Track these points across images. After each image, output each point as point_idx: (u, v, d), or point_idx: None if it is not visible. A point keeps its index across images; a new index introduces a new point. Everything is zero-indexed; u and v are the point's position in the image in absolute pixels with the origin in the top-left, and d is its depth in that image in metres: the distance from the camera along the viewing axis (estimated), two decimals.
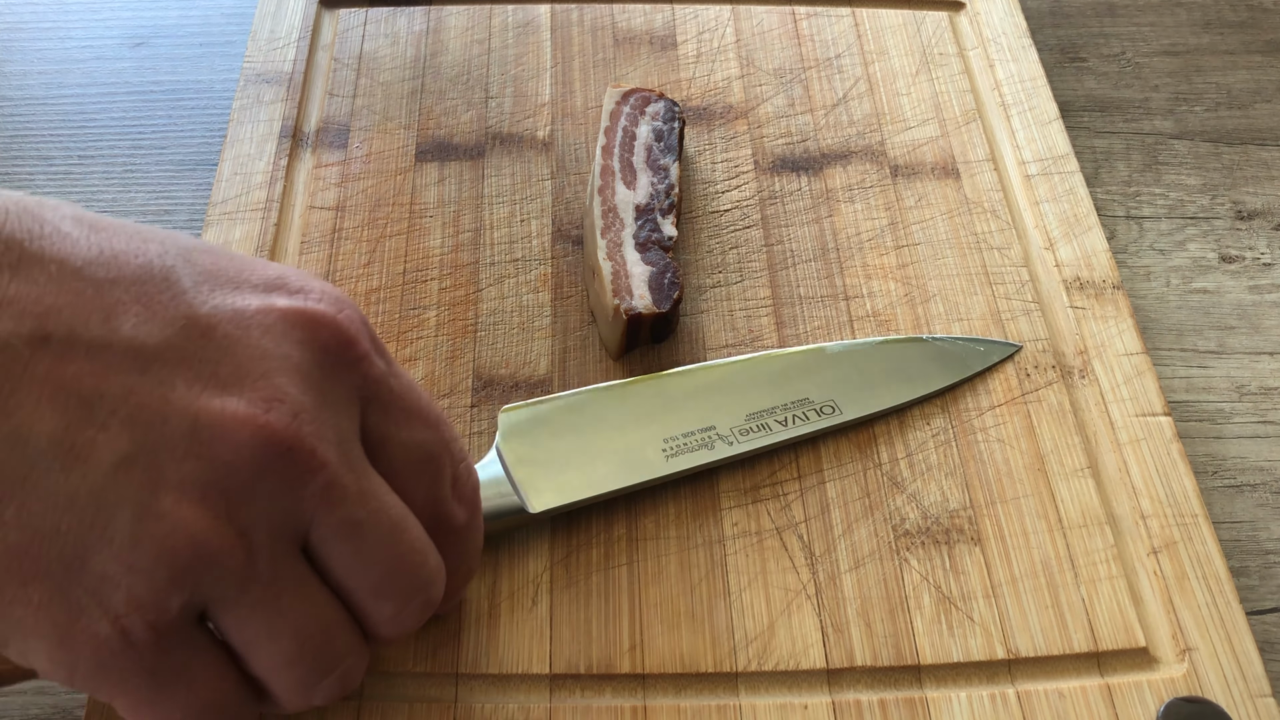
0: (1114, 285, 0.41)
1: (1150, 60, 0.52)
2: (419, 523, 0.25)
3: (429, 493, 0.26)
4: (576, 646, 0.32)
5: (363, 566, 0.24)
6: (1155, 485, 0.36)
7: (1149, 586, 0.34)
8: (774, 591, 0.33)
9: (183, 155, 0.47)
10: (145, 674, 0.22)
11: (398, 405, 0.25)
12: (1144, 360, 0.39)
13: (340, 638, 0.24)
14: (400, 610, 0.25)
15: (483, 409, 0.37)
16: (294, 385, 0.23)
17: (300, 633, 0.23)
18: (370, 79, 0.47)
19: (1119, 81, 0.52)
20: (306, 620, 0.23)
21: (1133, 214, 0.47)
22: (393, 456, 0.25)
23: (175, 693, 0.22)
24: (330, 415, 0.23)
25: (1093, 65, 0.52)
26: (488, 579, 0.33)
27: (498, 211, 0.43)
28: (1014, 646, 0.32)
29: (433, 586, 0.26)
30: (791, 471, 0.36)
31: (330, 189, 0.43)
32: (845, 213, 0.43)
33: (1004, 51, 0.49)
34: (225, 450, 0.22)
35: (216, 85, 0.50)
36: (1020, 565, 0.34)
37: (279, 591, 0.23)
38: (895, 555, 0.34)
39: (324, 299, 0.24)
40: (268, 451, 0.22)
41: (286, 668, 0.23)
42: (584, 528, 0.35)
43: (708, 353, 0.39)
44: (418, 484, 0.25)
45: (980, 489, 0.36)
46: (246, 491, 0.22)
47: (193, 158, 0.47)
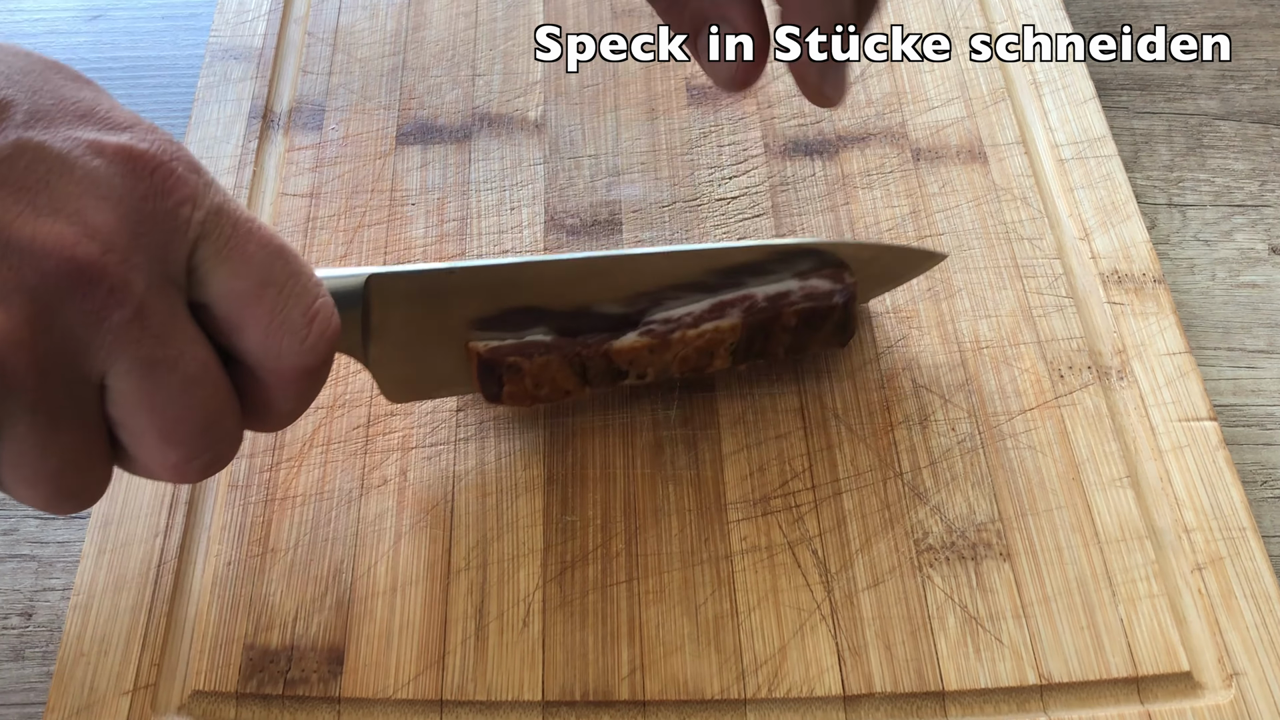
0: (1155, 279, 0.41)
1: (1194, 34, 0.52)
2: (224, 378, 0.27)
3: (259, 330, 0.27)
4: (571, 671, 0.32)
5: (150, 410, 0.26)
6: (1200, 496, 0.36)
7: (1193, 606, 0.34)
8: (786, 611, 0.33)
9: None
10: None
11: (229, 244, 0.27)
12: (1187, 360, 0.39)
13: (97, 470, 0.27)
14: (183, 462, 0.27)
15: (469, 412, 0.37)
16: (112, 218, 0.25)
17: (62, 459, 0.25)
18: (347, 55, 0.47)
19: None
20: (71, 448, 0.25)
21: (1175, 201, 0.47)
22: (220, 295, 0.27)
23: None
24: (145, 254, 0.25)
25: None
26: (474, 597, 0.34)
27: (485, 199, 0.43)
28: (1046, 671, 0.32)
29: (221, 446, 0.28)
30: (805, 481, 0.36)
31: (304, 174, 0.43)
32: (863, 200, 0.43)
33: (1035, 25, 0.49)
34: (31, 274, 0.24)
35: (180, 61, 0.50)
36: (1053, 583, 0.34)
37: (55, 419, 0.25)
38: (917, 572, 0.34)
39: (157, 141, 0.26)
40: (73, 279, 0.24)
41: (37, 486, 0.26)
42: (580, 542, 0.35)
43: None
44: (247, 320, 0.27)
45: (1010, 500, 0.36)
46: (47, 315, 0.24)
47: None
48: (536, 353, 0.34)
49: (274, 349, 0.27)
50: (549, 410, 0.37)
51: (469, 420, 0.37)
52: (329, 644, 0.33)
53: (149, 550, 0.35)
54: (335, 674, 0.32)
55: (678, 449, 0.37)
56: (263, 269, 0.27)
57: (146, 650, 0.33)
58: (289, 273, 0.28)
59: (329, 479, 0.36)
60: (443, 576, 0.34)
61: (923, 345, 0.39)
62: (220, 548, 0.35)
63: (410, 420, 0.37)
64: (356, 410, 0.37)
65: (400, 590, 0.34)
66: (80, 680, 0.32)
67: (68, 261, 0.24)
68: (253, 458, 0.36)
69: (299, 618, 0.33)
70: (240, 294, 0.27)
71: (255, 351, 0.27)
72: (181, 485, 0.36)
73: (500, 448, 0.37)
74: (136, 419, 0.26)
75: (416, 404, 0.38)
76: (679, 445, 0.37)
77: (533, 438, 0.37)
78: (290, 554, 0.35)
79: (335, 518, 0.35)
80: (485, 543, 0.35)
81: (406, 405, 0.37)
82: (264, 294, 0.27)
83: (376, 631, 0.33)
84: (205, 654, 0.33)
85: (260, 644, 0.33)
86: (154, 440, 0.26)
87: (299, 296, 0.28)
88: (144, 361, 0.25)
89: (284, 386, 0.28)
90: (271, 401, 0.29)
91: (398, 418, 0.37)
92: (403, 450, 0.37)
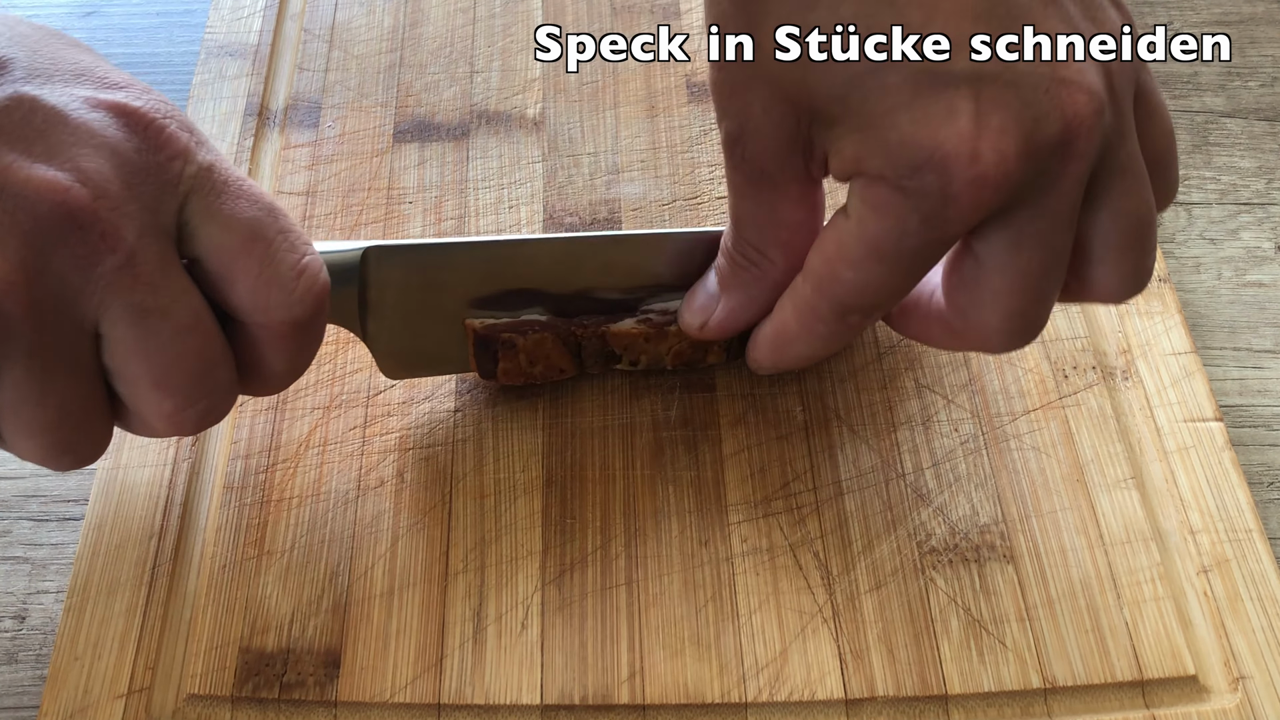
0: (1160, 278, 0.41)
1: (1199, 31, 0.52)
2: (216, 329, 0.28)
3: (249, 283, 0.28)
4: (570, 674, 0.32)
5: (143, 357, 0.27)
6: (1205, 497, 0.36)
7: (1199, 609, 0.34)
8: (787, 614, 0.33)
9: None
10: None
11: (220, 199, 0.28)
12: (1193, 360, 0.39)
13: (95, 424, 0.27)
14: (177, 411, 0.28)
15: (467, 414, 0.37)
16: (105, 168, 0.26)
17: (59, 408, 0.26)
18: (344, 51, 0.47)
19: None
20: (68, 397, 0.26)
21: (1181, 200, 0.47)
22: (210, 249, 0.28)
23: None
24: (138, 204, 0.26)
25: None
26: (472, 600, 0.34)
27: (484, 197, 0.43)
28: (1050, 674, 0.32)
29: (215, 397, 0.28)
30: (807, 482, 0.36)
31: (300, 172, 0.44)
32: None
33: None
34: (25, 218, 0.24)
35: (175, 58, 0.50)
36: (1057, 585, 0.34)
37: (51, 366, 0.25)
38: (920, 574, 0.34)
39: (151, 99, 0.27)
40: (65, 224, 0.25)
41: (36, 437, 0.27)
42: (579, 544, 0.35)
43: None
44: (237, 274, 0.28)
45: (1013, 502, 0.36)
46: (40, 259, 0.25)
47: None
48: (531, 330, 0.35)
49: (262, 302, 0.28)
50: (547, 411, 0.38)
51: (467, 421, 0.37)
52: (325, 647, 0.33)
53: (143, 552, 0.35)
54: (332, 677, 0.32)
55: (678, 450, 0.37)
56: (251, 224, 0.28)
57: (141, 654, 0.33)
58: (277, 229, 0.29)
59: (325, 480, 0.36)
60: (440, 579, 0.34)
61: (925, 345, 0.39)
62: (215, 550, 0.35)
63: (407, 421, 0.37)
64: (353, 411, 0.38)
65: (398, 593, 0.34)
66: (74, 684, 0.32)
67: (60, 206, 0.25)
68: (248, 459, 0.36)
69: (295, 620, 0.33)
70: (229, 248, 0.28)
71: (244, 305, 0.28)
72: (176, 487, 0.36)
73: (498, 449, 0.37)
74: (130, 366, 0.27)
75: (414, 405, 0.38)
76: (679, 446, 0.37)
77: (531, 439, 0.37)
78: (286, 556, 0.35)
79: (332, 519, 0.35)
80: (483, 545, 0.35)
81: (404, 406, 0.38)
82: (252, 248, 0.28)
83: (373, 634, 0.33)
84: (200, 657, 0.33)
85: (256, 647, 0.33)
86: (148, 388, 0.27)
87: (286, 251, 0.28)
88: (136, 308, 0.26)
89: (275, 341, 0.29)
90: (264, 358, 0.29)
91: (395, 418, 0.37)
92: (400, 451, 0.37)
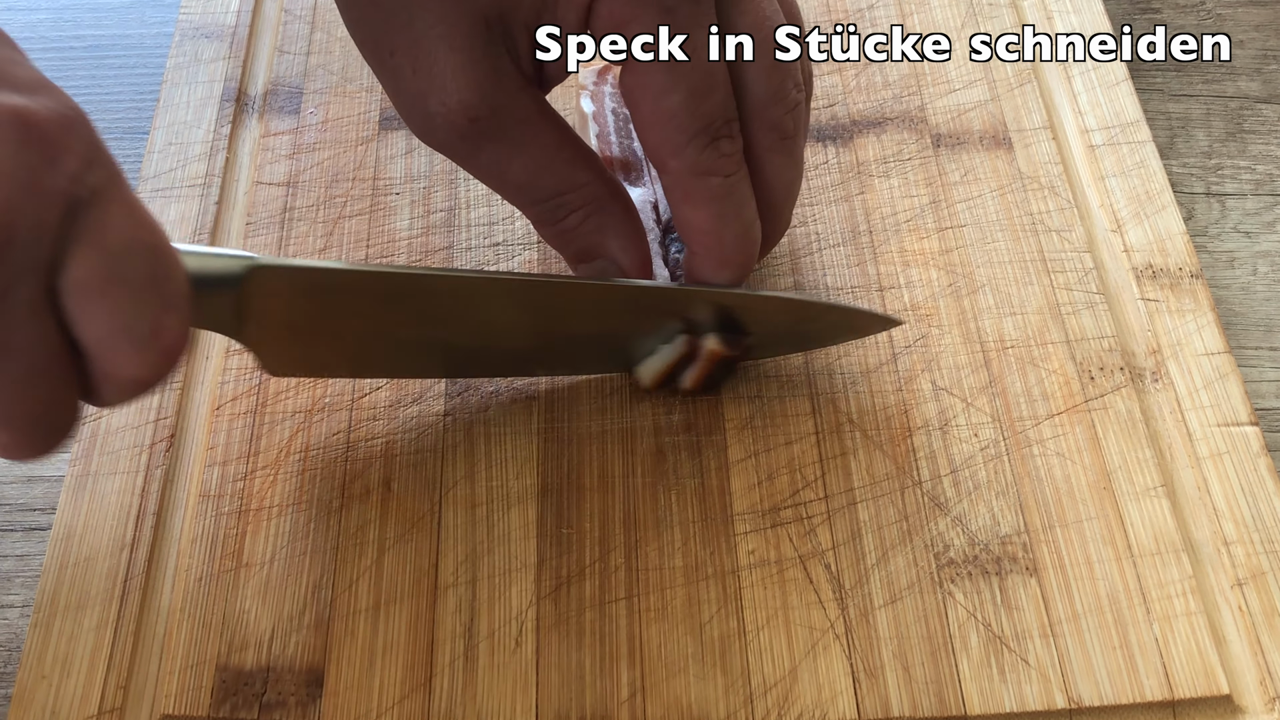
0: (1192, 273, 0.41)
1: (1234, 11, 0.52)
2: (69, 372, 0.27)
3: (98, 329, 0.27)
4: (567, 694, 0.32)
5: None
6: (1240, 507, 0.36)
7: (1233, 624, 0.34)
8: (797, 630, 0.33)
9: (108, 122, 0.47)
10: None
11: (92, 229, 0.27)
12: (1227, 361, 0.39)
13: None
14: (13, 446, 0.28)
15: (457, 418, 0.37)
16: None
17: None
18: (327, 33, 0.47)
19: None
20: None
21: (1214, 190, 0.47)
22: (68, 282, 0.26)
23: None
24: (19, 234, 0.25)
25: (1167, 16, 0.52)
26: (463, 615, 0.34)
27: (475, 187, 0.43)
28: (1076, 694, 0.32)
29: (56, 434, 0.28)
30: (817, 490, 0.36)
31: (280, 161, 0.43)
32: (879, 189, 0.43)
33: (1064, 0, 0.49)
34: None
35: (148, 40, 0.50)
36: (1083, 600, 0.34)
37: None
38: (938, 588, 0.34)
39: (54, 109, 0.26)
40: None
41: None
42: (576, 556, 0.35)
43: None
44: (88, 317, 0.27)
45: (1036, 511, 0.36)
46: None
47: (120, 125, 0.47)
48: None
49: (110, 356, 0.27)
50: (543, 415, 0.38)
51: (457, 426, 0.37)
52: (308, 665, 0.33)
53: (114, 565, 0.35)
54: (314, 697, 0.32)
55: (681, 456, 0.37)
56: (116, 263, 0.26)
57: (112, 672, 0.33)
58: (148, 274, 0.27)
59: (308, 488, 0.36)
60: (429, 593, 0.34)
61: (943, 345, 0.39)
62: (191, 562, 0.35)
63: (394, 426, 0.37)
64: (337, 415, 0.38)
65: (384, 608, 0.34)
66: (41, 704, 0.32)
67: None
68: (226, 465, 0.36)
69: (275, 637, 0.33)
70: (89, 287, 0.26)
71: (90, 352, 0.27)
72: (149, 495, 0.36)
73: (491, 455, 0.37)
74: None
75: (401, 409, 0.38)
76: (682, 452, 0.37)
77: (526, 445, 0.37)
78: (266, 569, 0.35)
79: (314, 530, 0.35)
80: (475, 557, 0.35)
81: (391, 409, 0.38)
82: (110, 291, 0.26)
83: (358, 652, 0.33)
84: (175, 676, 0.33)
85: (234, 665, 0.33)
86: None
87: (149, 304, 0.27)
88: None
89: (115, 391, 0.28)
90: (103, 395, 0.28)
91: (381, 423, 0.37)
92: (386, 458, 0.37)
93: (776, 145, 0.34)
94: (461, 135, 0.33)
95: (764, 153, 0.34)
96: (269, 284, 0.32)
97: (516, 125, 0.33)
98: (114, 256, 0.27)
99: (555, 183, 0.34)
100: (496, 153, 0.34)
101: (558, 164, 0.34)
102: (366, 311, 0.34)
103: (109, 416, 0.37)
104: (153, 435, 0.37)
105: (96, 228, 0.26)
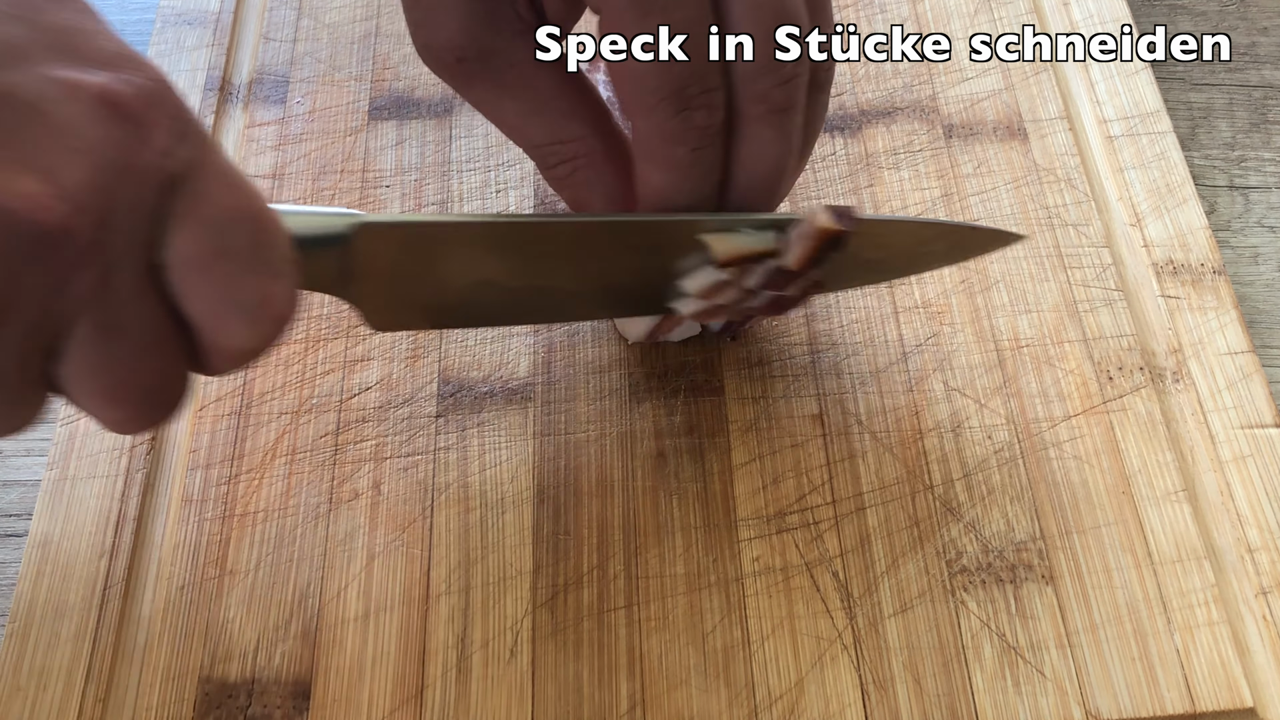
0: (1214, 269, 0.41)
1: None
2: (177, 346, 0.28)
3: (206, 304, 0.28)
4: (564, 707, 0.32)
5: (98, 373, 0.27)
6: (1264, 512, 0.36)
7: (1256, 634, 0.34)
8: (803, 640, 0.33)
9: None
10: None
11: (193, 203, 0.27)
12: (1251, 360, 0.39)
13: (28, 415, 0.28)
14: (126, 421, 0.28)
15: (450, 419, 0.37)
16: (84, 175, 0.25)
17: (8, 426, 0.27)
18: (314, 20, 0.47)
19: (1220, 22, 0.52)
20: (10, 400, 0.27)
21: (1237, 183, 0.47)
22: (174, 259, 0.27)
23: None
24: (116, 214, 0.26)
25: (1188, 2, 0.52)
26: (456, 624, 0.34)
27: (468, 180, 0.43)
28: (1093, 707, 0.32)
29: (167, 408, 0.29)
30: (824, 495, 0.36)
31: (266, 152, 0.43)
32: (889, 181, 0.43)
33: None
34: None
35: (128, 26, 0.50)
36: (1101, 609, 0.34)
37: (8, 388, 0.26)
38: (950, 596, 0.34)
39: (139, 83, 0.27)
40: (40, 244, 0.25)
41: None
42: (573, 563, 0.35)
43: (723, 350, 0.39)
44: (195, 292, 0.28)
45: (1052, 516, 0.36)
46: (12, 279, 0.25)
47: None
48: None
49: (219, 328, 0.28)
50: (539, 416, 0.38)
51: (450, 427, 0.37)
52: (294, 677, 0.33)
53: (93, 572, 0.35)
54: (301, 710, 0.32)
55: (683, 460, 0.37)
56: (220, 236, 0.27)
57: (91, 683, 0.33)
58: (250, 244, 0.28)
59: (294, 493, 0.36)
60: (421, 601, 0.34)
61: (955, 343, 0.39)
62: (173, 569, 0.35)
63: (384, 427, 0.37)
64: (325, 416, 0.37)
65: (374, 617, 0.34)
66: (16, 717, 0.32)
67: (36, 225, 0.25)
68: (209, 469, 0.36)
69: (261, 647, 0.33)
70: (189, 262, 0.27)
71: (198, 325, 0.28)
72: (129, 500, 0.36)
73: (485, 458, 0.37)
74: (84, 380, 0.27)
75: (391, 410, 0.38)
76: (684, 455, 0.37)
77: (521, 447, 0.37)
78: (251, 576, 0.35)
79: (301, 536, 0.35)
80: (468, 564, 0.35)
81: (381, 410, 0.38)
82: (214, 265, 0.27)
83: (347, 663, 0.33)
84: (156, 688, 0.33)
85: (218, 676, 0.33)
86: (99, 401, 0.28)
87: (255, 274, 0.28)
88: (100, 326, 0.26)
89: (226, 362, 0.29)
90: (214, 366, 0.29)
91: (370, 424, 0.37)
92: (376, 461, 0.37)
93: (761, 116, 0.33)
94: (451, 73, 0.34)
95: (745, 123, 0.33)
96: (377, 241, 0.32)
97: (508, 69, 0.34)
98: (215, 229, 0.27)
99: (545, 132, 0.34)
100: (486, 93, 0.34)
101: (549, 113, 0.34)
102: (475, 262, 0.34)
103: (87, 420, 0.37)
104: (133, 438, 0.37)
105: (194, 201, 0.27)
